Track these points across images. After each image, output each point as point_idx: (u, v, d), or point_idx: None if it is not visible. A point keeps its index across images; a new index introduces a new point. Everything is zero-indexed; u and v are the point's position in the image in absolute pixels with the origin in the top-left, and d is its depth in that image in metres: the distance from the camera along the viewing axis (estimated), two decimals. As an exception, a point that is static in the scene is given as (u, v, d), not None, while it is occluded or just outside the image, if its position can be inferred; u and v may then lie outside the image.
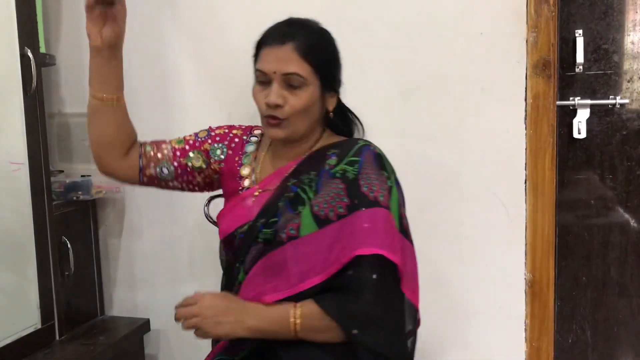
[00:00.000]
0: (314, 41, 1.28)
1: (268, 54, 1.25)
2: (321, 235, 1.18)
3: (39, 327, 1.60)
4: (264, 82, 1.25)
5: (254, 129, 1.43)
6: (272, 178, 1.31)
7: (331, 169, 1.25)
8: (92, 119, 1.36)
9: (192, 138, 1.41)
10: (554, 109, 1.63)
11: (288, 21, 1.31)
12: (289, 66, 1.23)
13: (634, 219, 1.78)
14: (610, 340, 1.82)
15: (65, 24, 1.90)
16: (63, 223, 1.74)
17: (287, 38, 1.24)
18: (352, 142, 1.31)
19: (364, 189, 1.19)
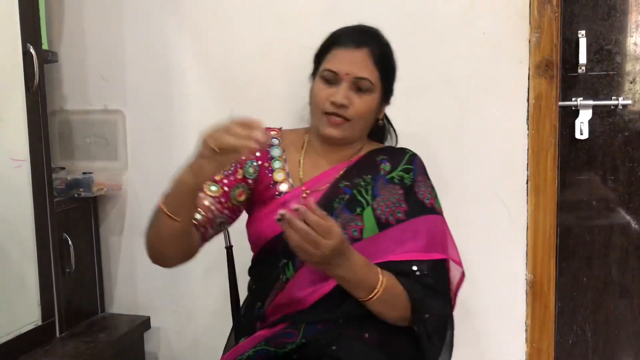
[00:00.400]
0: (385, 50, 1.34)
1: (342, 55, 1.28)
2: (382, 237, 1.24)
3: (40, 323, 1.60)
4: (330, 81, 1.28)
5: (269, 131, 1.40)
6: (319, 179, 1.32)
7: (386, 175, 1.31)
8: (159, 231, 1.26)
9: (221, 177, 1.32)
10: (556, 109, 1.63)
11: (360, 27, 1.35)
12: (362, 70, 1.27)
13: (635, 221, 1.78)
14: (611, 341, 1.82)
15: (68, 21, 1.90)
16: (64, 220, 1.74)
17: (363, 43, 1.28)
18: (399, 150, 1.39)
19: (420, 196, 1.29)
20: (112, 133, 1.90)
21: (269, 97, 1.76)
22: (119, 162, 1.90)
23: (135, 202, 1.91)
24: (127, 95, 1.87)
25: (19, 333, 1.53)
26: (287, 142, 1.39)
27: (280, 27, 1.74)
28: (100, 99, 1.90)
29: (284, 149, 1.37)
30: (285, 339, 1.21)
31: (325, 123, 1.29)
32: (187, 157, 1.56)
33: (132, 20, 1.84)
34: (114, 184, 1.88)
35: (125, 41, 1.85)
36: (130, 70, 1.86)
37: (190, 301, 1.89)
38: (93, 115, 1.91)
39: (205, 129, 1.10)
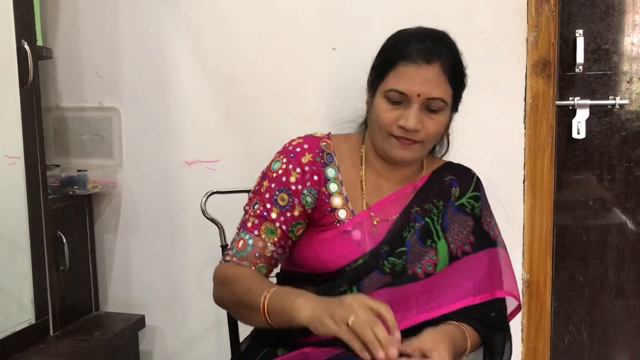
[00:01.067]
0: (458, 62, 1.20)
1: (411, 73, 1.13)
2: (450, 270, 1.20)
3: (33, 322, 1.59)
4: (397, 101, 1.15)
5: (318, 142, 1.24)
6: (386, 204, 1.23)
7: (456, 201, 1.25)
8: (248, 321, 1.16)
9: (278, 213, 1.19)
10: (553, 108, 1.63)
11: (428, 34, 1.18)
12: (435, 90, 1.14)
13: (631, 221, 1.78)
14: (607, 341, 1.82)
15: (63, 16, 1.88)
16: (58, 218, 1.73)
17: (435, 56, 1.14)
18: (464, 170, 1.32)
19: (485, 227, 1.25)
20: (107, 130, 1.89)
21: (266, 95, 1.75)
22: (114, 160, 1.89)
23: (130, 199, 1.90)
24: (122, 93, 1.86)
25: (12, 331, 1.52)
26: (342, 156, 1.25)
27: (277, 25, 1.73)
28: (96, 96, 1.89)
29: (339, 165, 1.24)
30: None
31: (394, 145, 1.17)
32: (182, 155, 1.56)
33: (128, 16, 1.83)
34: (109, 182, 1.87)
35: (121, 38, 1.84)
36: (125, 67, 1.85)
37: (185, 300, 1.88)
38: (88, 112, 1.90)
39: (359, 313, 0.97)
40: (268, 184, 1.21)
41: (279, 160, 1.22)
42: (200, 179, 1.81)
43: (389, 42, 1.22)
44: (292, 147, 1.23)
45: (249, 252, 1.18)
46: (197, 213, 1.52)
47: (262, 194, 1.20)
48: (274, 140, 1.48)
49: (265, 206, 1.19)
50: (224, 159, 1.80)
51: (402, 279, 1.17)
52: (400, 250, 1.18)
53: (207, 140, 1.81)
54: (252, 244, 1.18)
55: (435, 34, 1.18)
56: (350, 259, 1.17)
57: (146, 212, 1.89)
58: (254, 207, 1.21)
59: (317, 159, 1.22)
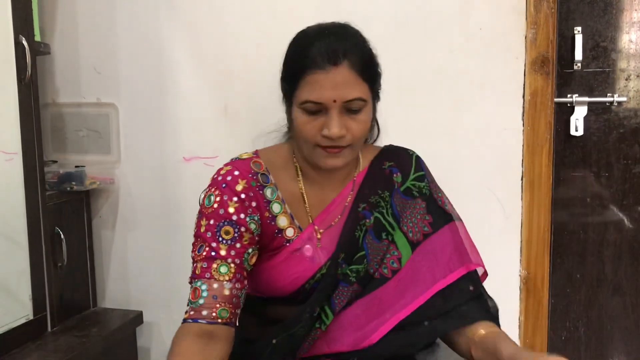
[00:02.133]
0: (366, 53, 1.11)
1: (320, 80, 1.04)
2: (417, 258, 1.16)
3: (31, 318, 1.59)
4: (315, 111, 1.06)
5: (249, 164, 1.16)
6: (330, 211, 1.18)
7: (400, 187, 1.20)
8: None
9: (226, 249, 1.09)
10: (551, 105, 1.63)
11: (328, 32, 1.09)
12: (350, 91, 1.05)
13: (629, 218, 1.78)
14: (603, 337, 1.82)
15: (61, 12, 1.88)
16: (56, 214, 1.73)
17: (340, 56, 1.04)
18: (401, 152, 1.26)
19: (439, 203, 1.21)
20: (105, 126, 1.88)
21: (263, 91, 1.74)
22: (111, 156, 1.89)
23: (128, 196, 1.90)
24: (120, 88, 1.86)
25: (10, 327, 1.52)
26: (277, 172, 1.18)
27: (274, 21, 1.72)
28: (93, 91, 1.88)
29: (276, 183, 1.16)
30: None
31: (322, 155, 1.09)
32: (180, 151, 1.55)
33: (125, 12, 1.83)
34: (107, 178, 1.87)
35: (119, 34, 1.84)
36: (123, 63, 1.85)
37: (183, 296, 1.86)
38: (86, 108, 1.90)
39: None
40: (206, 222, 1.10)
41: (211, 194, 1.12)
42: (199, 175, 1.80)
43: (291, 50, 1.13)
44: (221, 177, 1.13)
45: (205, 298, 1.06)
46: (195, 209, 1.51)
47: (203, 235, 1.10)
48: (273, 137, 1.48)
49: (211, 245, 1.08)
50: (222, 155, 1.80)
51: (371, 285, 1.14)
52: (359, 256, 1.14)
53: (205, 137, 1.81)
54: (205, 289, 1.07)
55: (335, 30, 1.10)
56: (308, 276, 1.13)
57: (144, 208, 1.89)
58: (199, 251, 1.10)
59: (251, 183, 1.13)
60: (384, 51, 1.68)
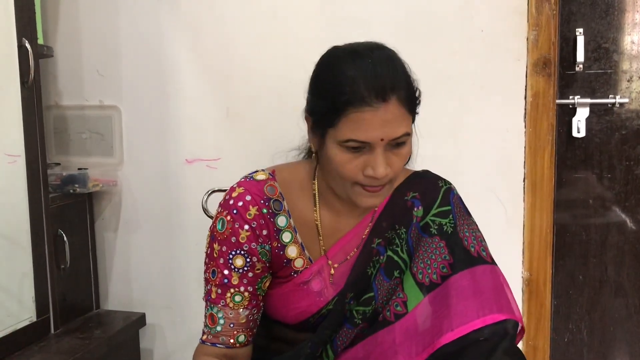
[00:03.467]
0: (411, 84, 1.01)
1: (367, 118, 0.94)
2: (429, 302, 1.04)
3: (34, 320, 1.59)
4: (356, 148, 0.97)
5: (262, 188, 1.08)
6: (345, 243, 1.10)
7: (419, 222, 1.10)
8: None
9: (239, 278, 1.06)
10: (553, 107, 1.63)
11: (364, 58, 0.99)
12: (398, 128, 0.96)
13: (631, 219, 1.78)
14: (606, 339, 1.82)
15: (63, 15, 1.89)
16: (59, 216, 1.73)
17: (390, 91, 0.95)
18: (430, 181, 1.14)
19: (465, 243, 1.07)
20: (107, 129, 1.89)
21: (264, 93, 1.75)
22: (114, 158, 1.89)
23: (130, 198, 1.90)
24: (123, 91, 1.86)
25: (13, 329, 1.52)
26: (292, 197, 1.10)
27: (275, 23, 1.73)
28: (96, 94, 1.89)
29: (290, 209, 1.09)
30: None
31: (360, 194, 1.01)
32: (183, 153, 1.55)
33: (128, 15, 1.83)
34: (110, 180, 1.87)
35: (122, 36, 1.84)
36: (126, 65, 1.86)
37: (185, 298, 1.88)
38: (89, 110, 1.90)
39: None
40: (219, 247, 1.07)
41: (222, 218, 1.07)
42: (201, 177, 1.81)
43: (327, 79, 1.01)
44: (233, 202, 1.07)
45: (222, 326, 1.07)
46: (198, 211, 1.52)
47: (217, 260, 1.07)
48: (274, 139, 1.48)
49: (223, 273, 1.06)
50: (225, 157, 1.80)
51: (374, 326, 1.07)
52: (367, 297, 1.07)
53: (207, 139, 1.81)
54: (222, 316, 1.07)
55: (385, 59, 1.00)
56: (313, 311, 1.08)
57: (147, 211, 1.90)
58: (212, 275, 1.08)
59: (262, 210, 1.06)
60: (386, 53, 1.70)
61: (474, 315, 0.99)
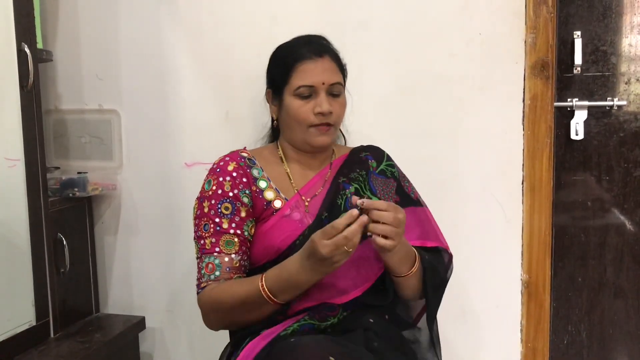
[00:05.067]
0: (338, 54, 1.39)
1: (310, 68, 1.31)
2: None
3: (34, 324, 1.59)
4: (307, 95, 1.31)
5: (238, 153, 1.39)
6: (313, 184, 1.38)
7: (375, 170, 1.41)
8: (251, 311, 1.23)
9: (228, 222, 1.30)
10: (551, 110, 1.63)
11: (309, 38, 1.38)
12: (333, 76, 1.33)
13: (630, 221, 1.78)
14: (606, 341, 1.82)
15: (63, 19, 1.89)
16: (59, 220, 1.73)
17: (323, 51, 1.33)
18: (374, 147, 1.47)
19: (406, 190, 1.41)
20: (107, 132, 1.89)
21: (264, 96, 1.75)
22: (114, 162, 1.89)
23: (130, 201, 1.91)
24: (122, 95, 1.87)
25: (13, 333, 1.52)
26: (263, 159, 1.40)
27: (275, 28, 1.73)
28: (96, 98, 1.89)
29: (262, 166, 1.38)
30: (327, 312, 1.24)
31: (314, 134, 1.33)
32: (182, 157, 1.52)
33: (127, 19, 1.84)
34: (109, 184, 1.87)
35: (121, 40, 1.85)
36: (125, 69, 1.86)
37: (185, 301, 1.88)
38: (88, 114, 1.90)
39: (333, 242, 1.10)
40: (208, 203, 1.31)
41: (209, 179, 1.35)
42: (200, 180, 1.80)
43: (280, 54, 1.39)
44: (216, 165, 1.36)
45: (220, 270, 1.27)
46: (197, 215, 1.53)
47: (207, 214, 1.30)
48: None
49: (215, 221, 1.29)
50: (224, 160, 1.80)
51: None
52: (341, 216, 1.20)
53: (206, 142, 1.81)
54: (218, 262, 1.27)
55: (317, 37, 1.39)
56: (297, 234, 1.29)
57: (146, 214, 1.90)
58: (204, 228, 1.30)
59: (240, 163, 1.35)
60: (385, 55, 1.70)
61: (416, 238, 1.34)
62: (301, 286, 1.17)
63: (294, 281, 1.16)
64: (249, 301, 1.20)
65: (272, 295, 1.17)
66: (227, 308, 1.23)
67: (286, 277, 1.16)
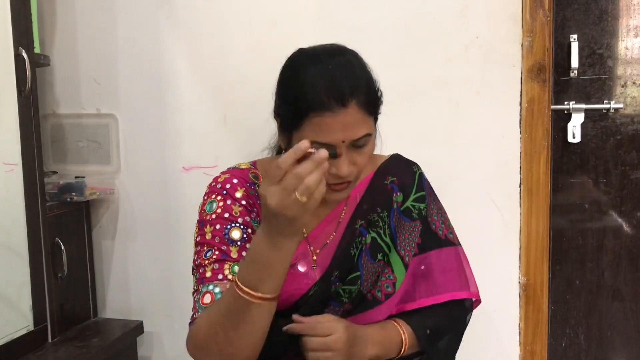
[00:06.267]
0: (372, 87, 1.07)
1: (328, 122, 0.99)
2: (406, 279, 1.15)
3: (32, 329, 1.59)
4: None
5: (247, 174, 1.16)
6: (324, 227, 1.16)
7: (400, 207, 1.17)
8: (243, 325, 0.96)
9: (237, 251, 1.07)
10: (548, 113, 1.64)
11: (325, 63, 1.03)
12: (359, 130, 1.01)
13: (627, 224, 1.79)
14: (604, 344, 1.82)
15: (60, 24, 1.89)
16: (56, 224, 1.73)
17: (348, 96, 0.99)
18: (404, 167, 1.22)
19: (433, 227, 1.19)
20: (104, 137, 1.89)
21: (262, 100, 1.75)
22: (111, 166, 1.89)
23: (128, 206, 1.91)
24: (120, 99, 1.87)
25: (10, 338, 1.52)
26: None
27: (273, 30, 1.74)
28: (93, 102, 1.89)
29: None
30: None
31: (329, 192, 1.01)
32: (180, 161, 1.52)
33: (125, 23, 1.84)
34: (107, 188, 1.87)
35: (118, 44, 1.85)
36: (123, 73, 1.86)
37: (183, 305, 1.87)
38: (86, 119, 1.90)
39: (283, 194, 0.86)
40: (211, 228, 1.09)
41: (212, 201, 1.12)
42: (198, 184, 1.79)
43: (290, 83, 1.07)
44: (220, 185, 1.13)
45: None
46: (195, 219, 1.52)
47: (210, 241, 1.08)
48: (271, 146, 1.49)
49: (221, 249, 1.06)
50: (222, 164, 1.80)
51: (362, 305, 1.12)
52: (353, 276, 1.11)
53: (204, 146, 1.81)
54: (219, 291, 1.03)
55: (338, 61, 1.03)
56: (301, 293, 1.10)
57: (144, 218, 1.90)
58: (206, 255, 1.07)
59: (250, 192, 1.12)
60: (383, 60, 1.69)
61: (425, 293, 1.15)
62: (273, 264, 0.92)
63: (262, 259, 0.91)
64: (233, 308, 0.95)
65: (250, 288, 0.92)
66: (209, 338, 0.99)
67: (251, 257, 0.93)
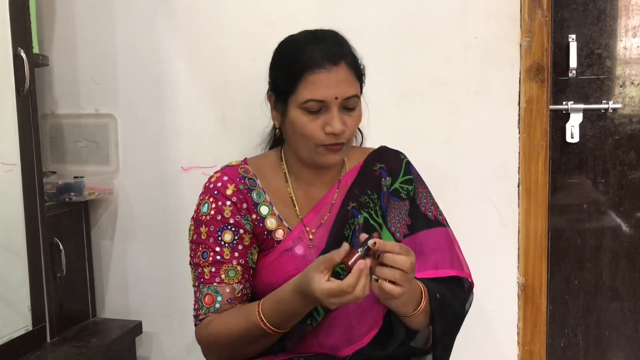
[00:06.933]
0: (356, 56, 1.19)
1: (322, 78, 1.11)
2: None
3: (30, 329, 1.59)
4: (315, 110, 1.13)
5: (237, 170, 1.25)
6: (319, 209, 1.23)
7: (389, 189, 1.25)
8: (257, 344, 1.13)
9: (230, 252, 1.18)
10: (547, 113, 1.64)
11: (316, 35, 1.17)
12: (349, 89, 1.13)
13: (626, 224, 1.79)
14: (602, 344, 1.83)
15: (59, 24, 1.89)
16: (55, 224, 1.73)
17: (339, 57, 1.13)
18: (392, 155, 1.31)
19: (422, 209, 1.26)
20: (103, 137, 1.89)
21: (260, 100, 1.75)
22: (110, 166, 1.89)
23: (126, 206, 1.90)
24: (118, 99, 1.87)
25: (9, 338, 1.52)
26: (265, 177, 1.25)
27: (271, 32, 1.72)
28: (92, 102, 1.89)
29: (264, 186, 1.23)
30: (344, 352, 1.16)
31: (323, 154, 1.16)
32: (179, 161, 1.52)
33: (124, 23, 1.84)
34: (106, 188, 1.87)
35: (117, 45, 1.85)
36: (122, 73, 1.86)
37: (182, 305, 1.88)
38: (84, 119, 1.90)
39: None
40: (206, 229, 1.18)
41: (205, 202, 1.21)
42: (197, 185, 1.79)
43: (284, 54, 1.20)
44: (212, 185, 1.22)
45: (221, 302, 1.16)
46: (194, 219, 1.53)
47: (206, 241, 1.18)
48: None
49: (215, 250, 1.17)
50: (221, 165, 1.78)
51: None
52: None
53: (203, 147, 1.81)
54: (219, 293, 1.16)
55: (328, 34, 1.18)
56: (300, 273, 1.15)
57: (143, 219, 1.90)
58: (203, 257, 1.18)
59: (239, 187, 1.21)
60: (381, 60, 1.70)
61: (430, 266, 1.19)
62: (300, 314, 1.07)
63: (292, 311, 1.05)
64: (250, 334, 1.09)
65: (275, 327, 1.07)
66: (225, 344, 1.14)
67: (282, 308, 1.06)
